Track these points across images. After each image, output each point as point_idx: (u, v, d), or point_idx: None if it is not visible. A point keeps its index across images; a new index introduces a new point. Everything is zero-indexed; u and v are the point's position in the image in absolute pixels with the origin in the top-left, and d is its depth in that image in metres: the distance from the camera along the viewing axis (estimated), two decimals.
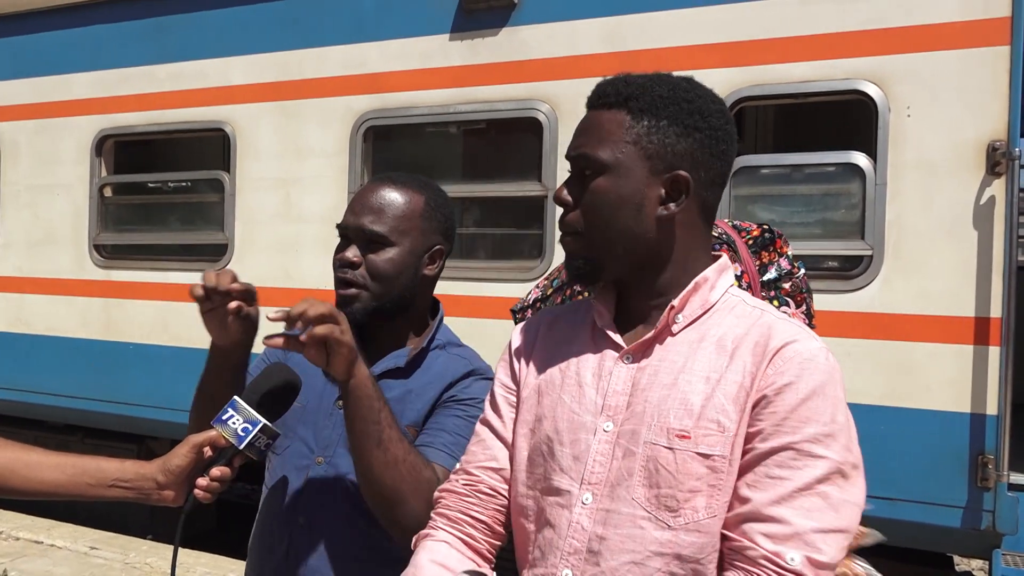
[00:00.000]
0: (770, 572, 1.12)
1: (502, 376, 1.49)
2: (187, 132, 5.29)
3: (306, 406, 1.69)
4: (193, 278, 5.61)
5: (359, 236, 1.71)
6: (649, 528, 1.21)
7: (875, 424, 3.53)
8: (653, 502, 1.21)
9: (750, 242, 1.93)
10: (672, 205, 1.28)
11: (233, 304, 1.50)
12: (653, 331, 1.29)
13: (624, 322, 1.36)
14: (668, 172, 1.27)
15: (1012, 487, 3.40)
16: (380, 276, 1.70)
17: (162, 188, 5.96)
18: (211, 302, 1.50)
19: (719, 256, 1.36)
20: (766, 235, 1.91)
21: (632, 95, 1.29)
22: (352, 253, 1.71)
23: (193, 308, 1.60)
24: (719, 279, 1.32)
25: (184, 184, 5.87)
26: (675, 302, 1.29)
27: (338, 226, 1.76)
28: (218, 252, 5.06)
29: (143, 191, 5.92)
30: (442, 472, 1.58)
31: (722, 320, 1.28)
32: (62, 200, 5.60)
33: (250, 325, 1.57)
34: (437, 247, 1.78)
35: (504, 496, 1.42)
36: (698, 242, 1.33)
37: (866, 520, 3.87)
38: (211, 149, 5.91)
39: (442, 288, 1.87)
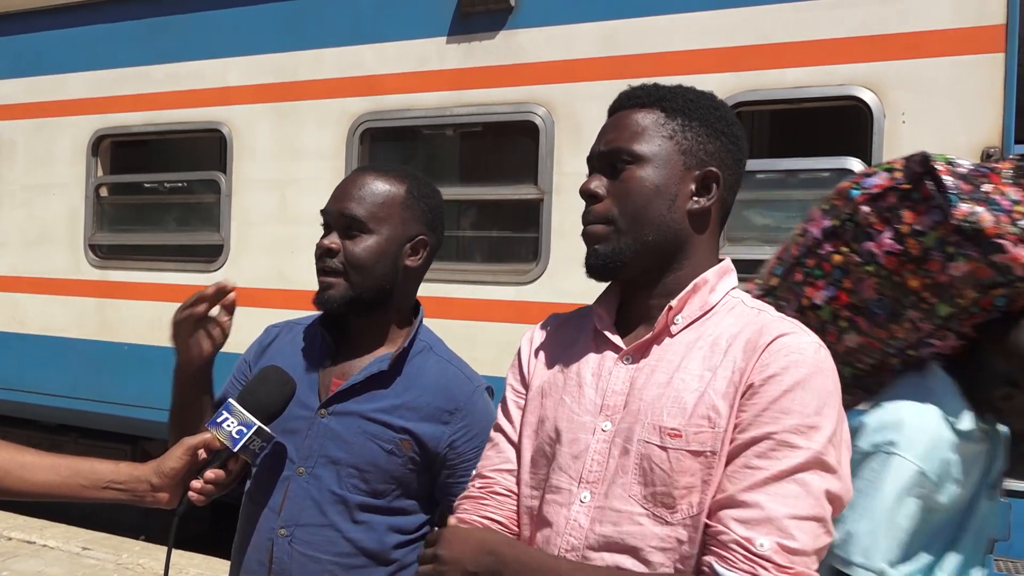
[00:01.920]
0: (739, 556, 1.12)
1: (512, 381, 1.51)
2: (184, 132, 5.29)
3: (286, 415, 1.65)
4: (188, 279, 5.59)
5: (339, 222, 1.70)
6: (648, 524, 1.22)
7: None
8: (650, 499, 1.23)
9: (1005, 173, 1.84)
10: (703, 200, 1.32)
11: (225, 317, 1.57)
12: (652, 332, 1.32)
13: (625, 324, 1.38)
14: (699, 168, 1.32)
15: (1004, 492, 3.40)
16: (357, 264, 1.68)
17: (158, 188, 5.96)
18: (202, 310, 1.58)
19: (722, 260, 1.38)
20: (1022, 164, 1.83)
21: (664, 96, 1.35)
22: (330, 240, 1.69)
23: None
24: (720, 282, 1.34)
25: (180, 185, 5.87)
26: (673, 303, 1.31)
27: (321, 211, 1.76)
28: (213, 253, 5.06)
29: (139, 191, 5.91)
30: None
31: (720, 321, 1.30)
32: (58, 200, 5.59)
33: (221, 335, 1.62)
34: (420, 237, 1.75)
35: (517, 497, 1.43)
36: (713, 242, 1.37)
37: None
38: (207, 150, 5.91)
39: (438, 291, 1.87)
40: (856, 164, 3.62)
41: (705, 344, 1.27)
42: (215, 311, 1.64)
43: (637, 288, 1.37)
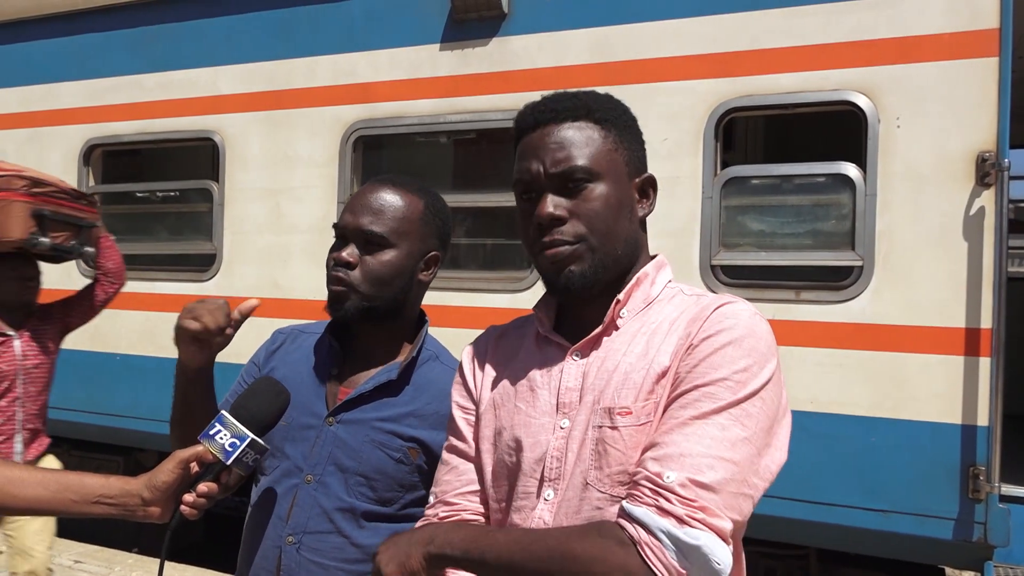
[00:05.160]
0: (646, 491, 1.12)
1: (458, 398, 1.50)
2: (176, 141, 5.27)
3: (293, 423, 1.65)
4: (181, 288, 5.55)
5: (357, 236, 1.69)
6: (606, 506, 1.22)
7: (866, 435, 3.53)
8: (606, 482, 1.23)
9: None
10: (645, 204, 1.38)
11: (230, 330, 1.57)
12: (600, 327, 1.34)
13: (569, 326, 1.40)
14: (638, 176, 1.37)
15: (1003, 499, 3.40)
16: (376, 278, 1.67)
17: (150, 198, 5.93)
18: (202, 340, 1.58)
19: (655, 256, 1.42)
20: None
21: (591, 108, 1.35)
22: (348, 252, 1.68)
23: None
24: (658, 275, 1.39)
25: (172, 194, 5.84)
26: (620, 296, 1.34)
27: (335, 225, 1.74)
28: (206, 262, 5.03)
29: (131, 201, 5.88)
30: None
31: (662, 309, 1.34)
32: None
33: (225, 342, 1.60)
34: (433, 253, 1.77)
35: (485, 517, 1.41)
36: (646, 243, 1.43)
37: (860, 532, 3.82)
38: (200, 159, 5.88)
39: (431, 298, 1.85)
40: (851, 169, 3.62)
41: (649, 330, 1.31)
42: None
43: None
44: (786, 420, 1.23)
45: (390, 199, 1.71)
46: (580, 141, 1.32)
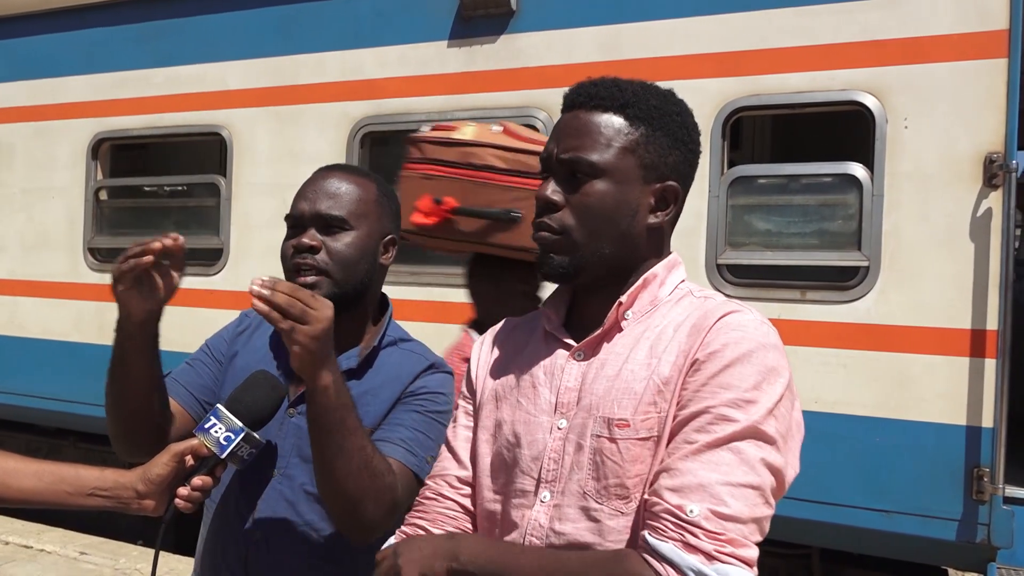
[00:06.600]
0: (669, 525, 1.10)
1: (463, 387, 1.50)
2: (184, 136, 5.28)
3: None
4: (188, 283, 5.56)
5: (316, 222, 1.67)
6: (604, 519, 1.21)
7: (870, 436, 3.51)
8: (603, 493, 1.22)
9: None
10: (660, 214, 1.32)
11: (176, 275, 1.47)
12: (602, 328, 1.31)
13: (578, 324, 1.37)
14: (659, 182, 1.30)
15: (1007, 500, 3.38)
16: (341, 261, 1.65)
17: (158, 192, 5.95)
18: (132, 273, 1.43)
19: (670, 253, 1.38)
20: None
21: (628, 102, 1.30)
22: (310, 237, 1.66)
23: (184, 312, 1.58)
24: (669, 275, 1.34)
25: (180, 188, 5.85)
26: (623, 298, 1.31)
27: (289, 216, 1.72)
28: (213, 257, 5.04)
29: (139, 195, 5.90)
30: (399, 468, 1.55)
31: (668, 312, 1.30)
32: (57, 203, 5.58)
33: (168, 288, 1.49)
34: (390, 235, 1.76)
35: (472, 509, 1.41)
36: (664, 251, 1.36)
37: (863, 532, 3.80)
38: (208, 153, 5.90)
39: (437, 296, 1.84)
40: (858, 169, 3.60)
41: (652, 335, 1.27)
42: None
43: (590, 292, 1.36)
44: (799, 434, 1.22)
45: (344, 184, 1.70)
46: (598, 133, 1.28)
